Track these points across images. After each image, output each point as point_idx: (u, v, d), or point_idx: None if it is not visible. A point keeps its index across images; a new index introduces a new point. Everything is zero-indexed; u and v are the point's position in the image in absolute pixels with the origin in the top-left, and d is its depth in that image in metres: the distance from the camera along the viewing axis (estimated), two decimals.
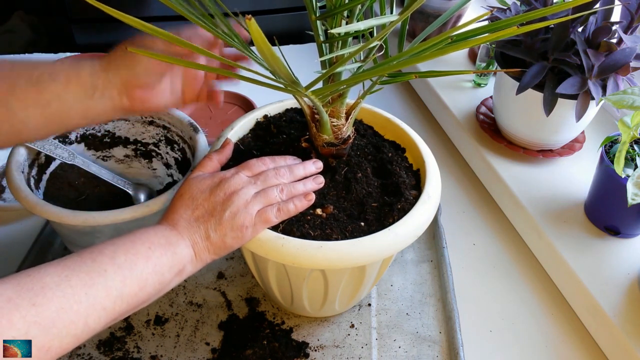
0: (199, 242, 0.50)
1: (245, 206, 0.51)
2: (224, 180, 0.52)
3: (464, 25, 0.43)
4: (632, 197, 0.59)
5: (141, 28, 0.42)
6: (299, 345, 0.64)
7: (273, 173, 0.54)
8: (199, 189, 0.52)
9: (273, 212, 0.52)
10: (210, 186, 0.52)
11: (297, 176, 0.56)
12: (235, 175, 0.53)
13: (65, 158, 0.66)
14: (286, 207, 0.53)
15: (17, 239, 0.75)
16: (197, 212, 0.51)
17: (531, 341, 0.67)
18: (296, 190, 0.54)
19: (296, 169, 0.56)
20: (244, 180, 0.53)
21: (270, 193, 0.53)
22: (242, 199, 0.51)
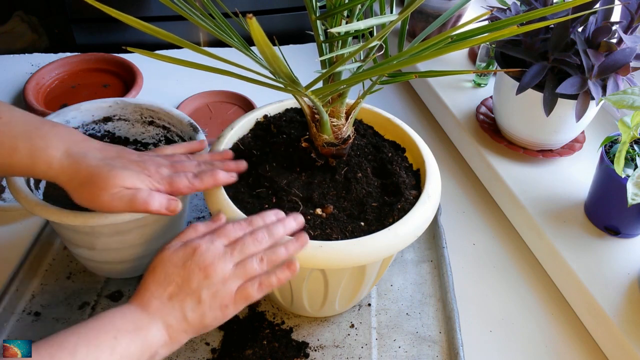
0: (174, 324, 0.46)
1: (224, 283, 0.47)
2: (197, 250, 0.48)
3: (463, 25, 0.43)
4: (632, 197, 0.59)
5: (141, 28, 0.42)
6: (299, 345, 0.64)
7: (250, 240, 0.50)
8: (172, 262, 0.48)
9: (254, 287, 0.48)
10: (183, 259, 0.48)
11: (276, 237, 0.51)
12: (210, 244, 0.49)
13: None
14: (268, 281, 0.49)
15: (17, 239, 0.75)
16: (170, 289, 0.47)
17: (531, 341, 0.67)
18: (277, 256, 0.50)
19: (275, 229, 0.51)
20: (219, 251, 0.49)
21: (250, 265, 0.49)
22: (219, 275, 0.47)
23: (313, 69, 0.58)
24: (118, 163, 0.52)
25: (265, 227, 0.51)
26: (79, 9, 1.21)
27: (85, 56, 1.03)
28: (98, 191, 0.51)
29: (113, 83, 1.00)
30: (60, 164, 0.51)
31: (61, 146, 0.52)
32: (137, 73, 0.99)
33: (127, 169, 0.52)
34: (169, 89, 1.02)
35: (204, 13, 0.50)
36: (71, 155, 0.52)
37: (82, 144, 0.53)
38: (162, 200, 0.53)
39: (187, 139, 0.70)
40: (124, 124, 0.74)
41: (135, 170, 0.52)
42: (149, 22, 0.43)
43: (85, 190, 0.51)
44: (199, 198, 0.83)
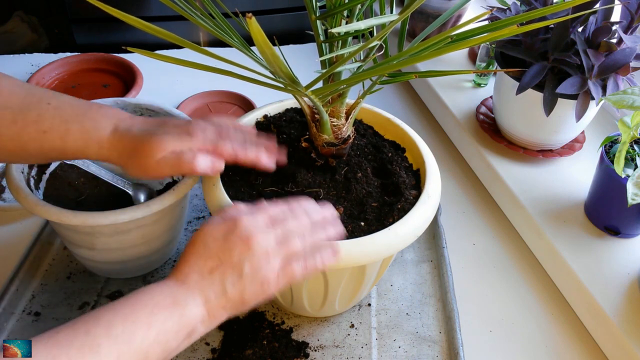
0: (213, 299, 0.45)
1: (267, 258, 0.46)
2: (239, 223, 0.47)
3: (463, 25, 0.43)
4: (632, 197, 0.59)
5: (142, 27, 0.42)
6: (299, 345, 0.64)
7: (292, 219, 0.49)
8: (212, 236, 0.46)
9: (300, 266, 0.47)
10: (224, 232, 0.46)
11: (315, 220, 0.50)
12: (250, 217, 0.47)
13: None
14: (313, 263, 0.47)
15: (17, 239, 0.75)
16: (210, 263, 0.45)
17: (531, 341, 0.67)
18: (318, 237, 0.49)
19: (313, 213, 0.50)
20: (260, 224, 0.47)
21: (293, 243, 0.47)
22: (262, 248, 0.46)
23: (313, 69, 0.58)
24: (160, 130, 0.53)
25: (304, 211, 0.50)
26: (79, 9, 1.21)
27: (85, 56, 1.03)
28: (144, 159, 0.51)
29: (113, 83, 1.01)
30: (110, 142, 0.53)
31: (109, 125, 0.53)
32: (137, 73, 0.99)
33: (168, 134, 0.52)
34: (169, 89, 1.02)
35: (204, 13, 0.50)
36: (118, 131, 0.53)
37: (128, 121, 0.54)
38: (207, 162, 0.52)
39: None
40: None
41: (176, 133, 0.52)
42: (149, 22, 0.43)
43: (134, 161, 0.52)
44: (199, 198, 0.83)
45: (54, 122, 0.52)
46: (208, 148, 0.53)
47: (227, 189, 0.57)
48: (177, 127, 0.54)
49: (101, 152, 0.53)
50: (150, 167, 0.52)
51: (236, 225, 0.47)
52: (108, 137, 0.53)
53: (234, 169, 0.61)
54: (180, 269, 0.46)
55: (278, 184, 0.59)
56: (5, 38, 1.41)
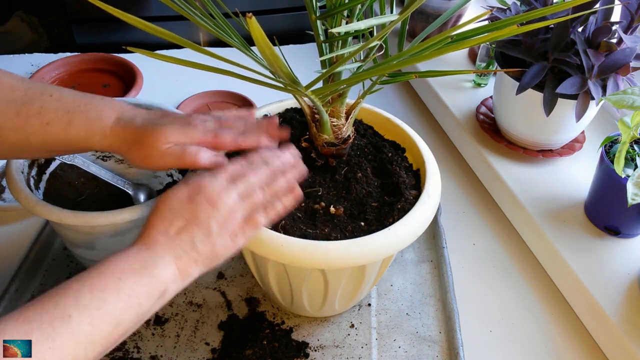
0: (183, 256, 0.46)
1: (231, 212, 0.48)
2: (202, 186, 0.48)
3: (463, 25, 0.43)
4: (632, 197, 0.59)
5: (142, 27, 0.42)
6: (299, 345, 0.64)
7: (251, 172, 0.50)
8: (177, 199, 0.48)
9: (260, 214, 0.49)
10: (188, 195, 0.48)
11: (275, 169, 0.52)
12: (213, 179, 0.49)
13: (65, 158, 0.66)
14: (273, 208, 0.50)
15: (17, 239, 0.75)
16: (177, 224, 0.46)
17: (531, 341, 0.67)
18: (278, 185, 0.51)
19: (272, 162, 0.52)
20: (223, 184, 0.49)
21: (254, 195, 0.49)
22: (226, 205, 0.48)
23: (313, 69, 0.58)
24: (162, 121, 0.54)
25: (263, 162, 0.52)
26: (79, 9, 1.21)
27: (85, 56, 1.03)
28: (147, 149, 0.52)
29: (113, 83, 1.00)
30: (113, 131, 0.53)
31: (112, 115, 0.53)
32: (137, 73, 0.99)
33: (172, 124, 0.53)
34: (169, 89, 1.02)
35: (204, 13, 0.50)
36: (122, 121, 0.53)
37: (131, 111, 0.55)
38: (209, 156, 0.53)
39: None
40: None
41: (179, 124, 0.53)
42: (149, 22, 0.43)
43: (137, 150, 0.53)
44: None
45: (57, 113, 0.52)
46: (209, 138, 0.54)
47: None
48: (178, 119, 0.54)
49: (104, 142, 0.53)
50: (154, 158, 0.52)
51: (200, 188, 0.48)
52: (111, 127, 0.53)
53: None
54: (147, 234, 0.46)
55: None
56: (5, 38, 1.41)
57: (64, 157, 0.66)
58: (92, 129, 0.53)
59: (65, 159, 0.66)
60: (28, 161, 0.65)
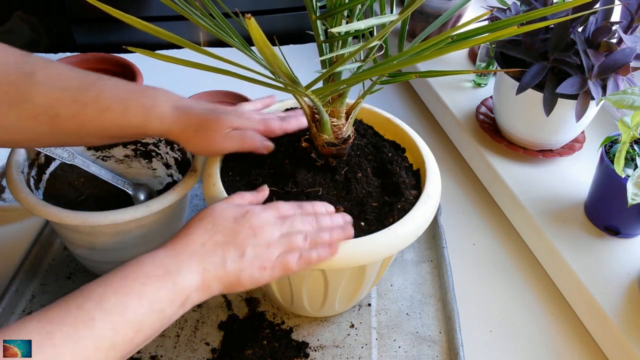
0: (211, 269, 0.46)
1: (268, 246, 0.48)
2: (250, 212, 0.49)
3: (464, 25, 0.43)
4: (632, 197, 0.59)
5: (142, 28, 0.42)
6: (299, 345, 0.64)
7: (300, 219, 0.51)
8: (222, 215, 0.49)
9: (294, 259, 0.49)
10: (235, 216, 0.49)
11: (323, 227, 0.52)
12: (262, 211, 0.50)
13: (65, 158, 0.66)
14: (308, 256, 0.49)
15: (17, 239, 0.75)
16: (216, 238, 0.47)
17: (531, 341, 0.67)
18: (321, 239, 0.51)
19: (322, 219, 0.52)
20: (270, 219, 0.50)
21: (295, 238, 0.50)
22: (266, 237, 0.48)
23: (313, 69, 0.58)
24: (220, 109, 0.58)
25: (314, 214, 0.53)
26: (78, 9, 1.21)
27: (85, 56, 1.03)
28: (211, 133, 0.56)
29: None
30: (172, 117, 0.55)
31: (168, 102, 0.56)
32: (137, 73, 0.99)
33: (229, 114, 0.58)
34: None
35: (204, 13, 0.50)
36: (179, 108, 0.56)
37: (184, 100, 0.58)
38: (263, 141, 0.59)
39: None
40: None
41: (235, 114, 0.58)
42: (150, 22, 0.43)
43: (200, 135, 0.56)
44: (199, 198, 0.83)
45: (113, 100, 0.53)
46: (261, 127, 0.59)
47: (227, 189, 0.57)
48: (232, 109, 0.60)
49: (162, 127, 0.55)
50: (216, 141, 0.57)
51: (247, 214, 0.49)
52: (171, 113, 0.55)
53: (234, 168, 0.61)
54: (182, 238, 0.47)
55: (278, 183, 0.59)
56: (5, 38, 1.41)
57: (64, 157, 0.66)
58: (149, 114, 0.55)
59: (65, 159, 0.66)
60: (28, 161, 0.65)
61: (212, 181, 0.57)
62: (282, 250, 0.49)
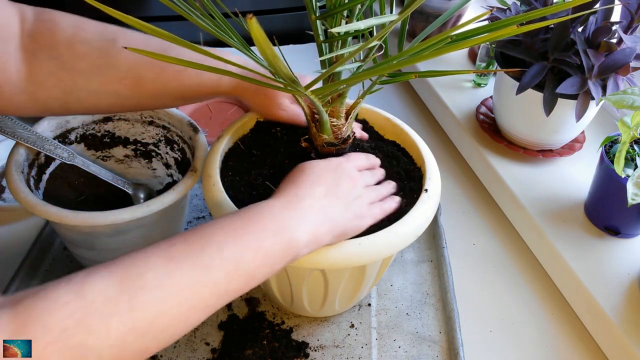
0: (323, 224, 0.48)
1: (361, 197, 0.52)
2: (342, 163, 0.53)
3: (463, 25, 0.43)
4: (632, 197, 0.59)
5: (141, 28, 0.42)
6: (299, 345, 0.64)
7: (367, 174, 0.56)
8: (321, 167, 0.52)
9: (379, 208, 0.53)
10: (332, 167, 0.52)
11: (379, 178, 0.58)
12: (348, 162, 0.54)
13: (65, 158, 0.66)
14: (388, 206, 0.54)
15: (17, 239, 0.75)
16: (323, 189, 0.49)
17: (531, 341, 0.67)
18: (384, 191, 0.56)
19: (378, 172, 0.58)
20: (355, 171, 0.54)
21: (378, 190, 0.55)
22: (361, 188, 0.52)
23: (313, 68, 0.58)
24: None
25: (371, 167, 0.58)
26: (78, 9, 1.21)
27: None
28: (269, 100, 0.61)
29: None
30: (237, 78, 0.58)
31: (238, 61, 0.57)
32: None
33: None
34: None
35: (204, 13, 0.50)
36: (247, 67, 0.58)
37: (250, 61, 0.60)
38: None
39: (187, 139, 0.70)
40: (124, 124, 0.74)
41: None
42: (149, 22, 0.43)
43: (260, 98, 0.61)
44: (199, 198, 0.83)
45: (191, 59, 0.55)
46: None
47: (227, 189, 0.57)
48: None
49: (231, 85, 0.59)
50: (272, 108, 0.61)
51: (341, 165, 0.53)
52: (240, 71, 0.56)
53: (234, 168, 0.61)
54: (293, 191, 0.48)
55: (278, 183, 0.58)
56: None
57: (64, 157, 0.66)
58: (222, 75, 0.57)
59: (65, 159, 0.66)
60: (28, 161, 0.65)
61: (212, 181, 0.57)
62: (369, 200, 0.53)
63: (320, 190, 0.49)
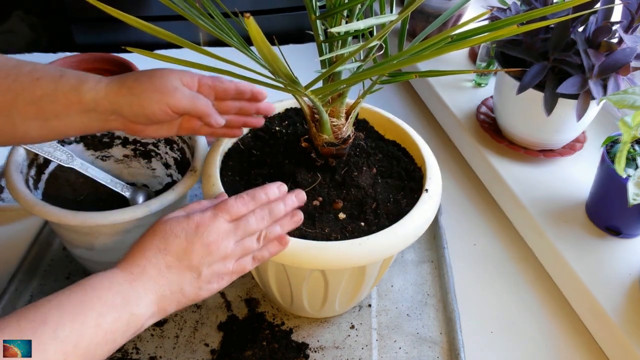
0: (168, 295, 0.45)
1: (224, 259, 0.48)
2: (201, 226, 0.47)
3: (463, 25, 0.43)
4: (633, 197, 0.59)
5: (141, 27, 0.42)
6: (299, 346, 0.64)
7: (253, 217, 0.50)
8: (173, 232, 0.47)
9: (249, 261, 0.50)
10: (186, 231, 0.47)
11: (277, 216, 0.51)
12: (213, 220, 0.48)
13: (64, 161, 0.66)
14: (261, 255, 0.51)
15: (16, 239, 0.74)
16: (169, 259, 0.46)
17: (532, 341, 0.67)
18: (274, 234, 0.51)
19: (277, 208, 0.51)
20: (223, 229, 0.48)
21: (249, 243, 0.49)
22: (221, 252, 0.47)
23: (313, 69, 0.58)
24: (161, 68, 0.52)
25: (267, 204, 0.51)
26: (78, 9, 1.21)
27: (84, 56, 1.03)
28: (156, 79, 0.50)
29: None
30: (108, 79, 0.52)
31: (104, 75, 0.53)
32: None
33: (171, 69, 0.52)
34: None
35: (203, 13, 0.50)
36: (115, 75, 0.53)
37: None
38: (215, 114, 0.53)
39: (187, 138, 0.70)
40: None
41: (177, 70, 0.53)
42: (149, 22, 0.42)
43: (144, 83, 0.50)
44: (199, 198, 0.82)
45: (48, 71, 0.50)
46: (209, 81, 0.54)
47: (227, 189, 0.57)
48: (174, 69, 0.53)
49: (99, 88, 0.51)
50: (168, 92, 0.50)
51: (199, 228, 0.47)
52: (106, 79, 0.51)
53: (234, 168, 0.61)
54: (135, 261, 0.45)
55: None
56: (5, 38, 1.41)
57: (62, 160, 0.66)
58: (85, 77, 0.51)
59: (63, 162, 0.66)
60: (27, 161, 0.65)
61: (211, 181, 0.57)
62: (238, 257, 0.49)
63: (168, 260, 0.46)
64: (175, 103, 0.50)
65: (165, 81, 0.50)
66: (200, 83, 0.54)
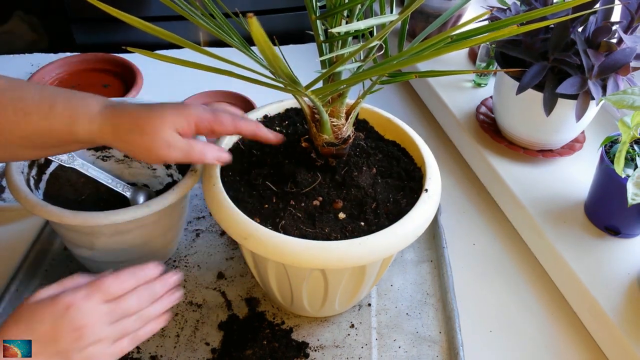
0: None
1: (98, 343, 0.44)
2: (71, 309, 0.43)
3: (463, 25, 0.43)
4: (632, 197, 0.59)
5: (141, 27, 0.42)
6: (299, 346, 0.64)
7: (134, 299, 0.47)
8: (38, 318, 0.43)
9: (127, 342, 0.47)
10: (52, 316, 0.43)
11: (156, 296, 0.49)
12: (86, 301, 0.44)
13: (65, 161, 0.66)
14: (138, 336, 0.48)
15: (17, 239, 0.75)
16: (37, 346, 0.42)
17: (531, 341, 0.67)
18: (152, 314, 0.49)
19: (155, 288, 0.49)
20: (96, 311, 0.44)
21: (127, 324, 0.47)
22: (95, 336, 0.44)
23: (313, 69, 0.58)
24: (156, 106, 0.51)
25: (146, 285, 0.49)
26: (78, 9, 1.21)
27: (85, 56, 1.03)
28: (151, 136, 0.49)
29: (113, 83, 1.00)
30: (102, 116, 0.49)
31: (99, 101, 0.51)
32: (137, 73, 0.99)
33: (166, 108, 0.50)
34: (169, 89, 1.02)
35: (204, 13, 0.50)
36: (110, 106, 0.50)
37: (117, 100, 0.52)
38: (214, 152, 0.53)
39: None
40: None
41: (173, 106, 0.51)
42: (149, 22, 0.43)
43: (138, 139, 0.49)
44: (199, 198, 0.83)
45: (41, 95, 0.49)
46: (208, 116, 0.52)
47: (227, 189, 0.57)
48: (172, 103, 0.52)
49: (92, 129, 0.49)
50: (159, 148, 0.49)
51: (68, 310, 0.43)
52: (100, 111, 0.49)
53: (234, 168, 0.61)
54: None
55: (278, 184, 0.58)
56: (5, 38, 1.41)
57: (63, 160, 0.66)
58: (77, 115, 0.49)
59: (64, 162, 0.66)
60: (28, 161, 0.65)
61: (212, 181, 0.57)
62: (114, 339, 0.46)
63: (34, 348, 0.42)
64: (167, 160, 0.51)
65: (157, 138, 0.49)
66: (197, 127, 0.52)
